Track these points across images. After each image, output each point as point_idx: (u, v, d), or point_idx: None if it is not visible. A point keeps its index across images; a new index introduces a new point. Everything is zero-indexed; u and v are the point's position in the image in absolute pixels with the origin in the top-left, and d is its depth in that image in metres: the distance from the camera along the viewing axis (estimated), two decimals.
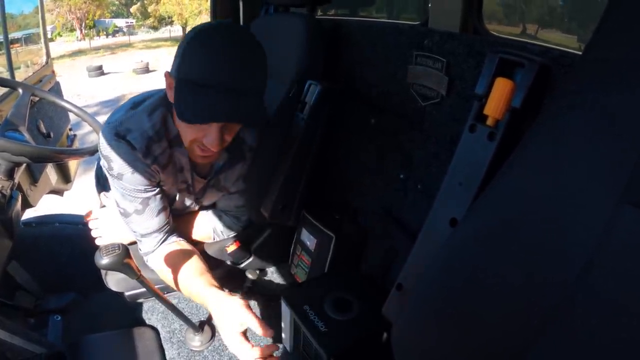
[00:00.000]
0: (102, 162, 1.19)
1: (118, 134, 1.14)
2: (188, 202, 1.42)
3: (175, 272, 1.27)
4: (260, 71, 1.03)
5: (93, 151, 1.37)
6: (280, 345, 1.19)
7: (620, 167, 0.49)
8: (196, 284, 1.24)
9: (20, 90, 1.53)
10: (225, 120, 1.04)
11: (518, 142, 0.64)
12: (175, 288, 1.30)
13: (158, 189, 1.26)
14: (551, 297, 0.52)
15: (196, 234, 1.51)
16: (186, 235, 1.43)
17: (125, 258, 1.05)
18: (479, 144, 0.86)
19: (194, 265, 1.29)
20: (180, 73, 0.99)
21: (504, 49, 0.86)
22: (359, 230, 1.57)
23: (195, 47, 0.98)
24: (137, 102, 1.20)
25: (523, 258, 0.58)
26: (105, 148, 1.15)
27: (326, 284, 1.38)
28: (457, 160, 0.92)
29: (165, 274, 1.29)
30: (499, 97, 0.82)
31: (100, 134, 1.16)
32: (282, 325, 1.40)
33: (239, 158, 1.37)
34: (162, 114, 1.19)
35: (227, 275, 1.66)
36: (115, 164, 1.15)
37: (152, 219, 1.26)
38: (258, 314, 1.57)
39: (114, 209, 1.38)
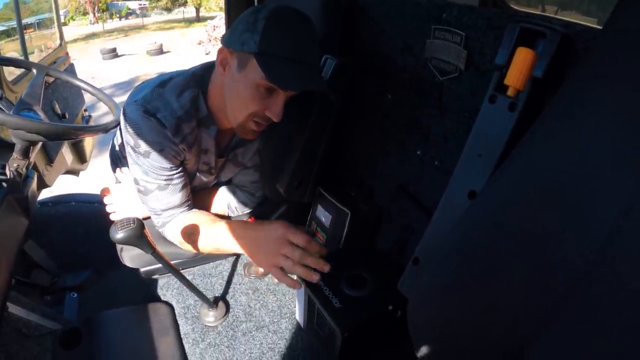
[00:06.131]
0: (127, 140, 1.18)
1: (147, 112, 1.13)
2: (205, 179, 1.43)
3: (195, 232, 1.28)
4: (318, 48, 1.15)
5: (107, 128, 1.37)
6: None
7: None
8: (222, 227, 1.25)
9: (35, 71, 1.52)
10: (315, 88, 1.16)
11: (539, 113, 0.63)
12: (196, 250, 1.32)
13: (181, 167, 1.27)
14: (571, 273, 0.51)
15: (211, 210, 1.52)
16: (201, 210, 1.43)
17: (140, 232, 1.05)
18: (499, 114, 0.84)
19: (214, 219, 1.31)
20: (262, 47, 1.05)
21: (525, 19, 0.84)
22: (374, 207, 1.56)
23: (278, 27, 1.06)
24: (164, 81, 1.20)
25: (543, 232, 0.57)
26: (133, 125, 1.14)
27: (341, 260, 1.38)
28: (476, 131, 0.90)
29: (184, 239, 1.30)
30: (520, 66, 0.80)
31: (125, 111, 1.16)
32: (296, 300, 1.40)
33: None
34: (193, 94, 1.20)
35: None
36: (143, 141, 1.15)
37: (174, 195, 1.27)
38: (273, 289, 1.57)
39: (129, 185, 1.39)
